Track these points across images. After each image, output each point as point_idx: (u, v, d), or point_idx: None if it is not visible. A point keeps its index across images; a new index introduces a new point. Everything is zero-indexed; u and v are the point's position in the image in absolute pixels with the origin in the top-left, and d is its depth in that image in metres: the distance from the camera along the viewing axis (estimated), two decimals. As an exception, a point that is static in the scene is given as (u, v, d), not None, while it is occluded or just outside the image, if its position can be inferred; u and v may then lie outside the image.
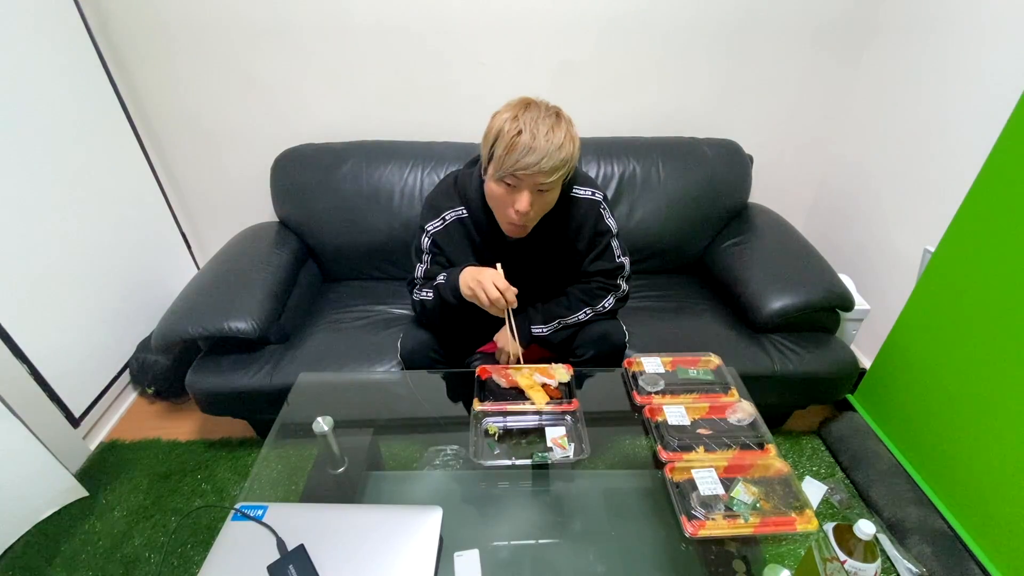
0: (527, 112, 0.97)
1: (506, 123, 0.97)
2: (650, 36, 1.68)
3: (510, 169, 0.96)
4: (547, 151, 0.94)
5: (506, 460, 1.00)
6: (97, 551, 1.32)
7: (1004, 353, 1.16)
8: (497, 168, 0.99)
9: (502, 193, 1.02)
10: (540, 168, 0.95)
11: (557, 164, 0.96)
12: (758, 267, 1.55)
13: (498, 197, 1.04)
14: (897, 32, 1.61)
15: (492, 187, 1.04)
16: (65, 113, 1.50)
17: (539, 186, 1.00)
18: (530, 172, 0.96)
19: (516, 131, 0.95)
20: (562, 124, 0.98)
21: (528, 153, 0.94)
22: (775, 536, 0.88)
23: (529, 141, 0.94)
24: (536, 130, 0.95)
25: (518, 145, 0.95)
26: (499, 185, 1.01)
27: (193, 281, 1.52)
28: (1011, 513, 1.14)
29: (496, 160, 0.99)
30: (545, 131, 0.95)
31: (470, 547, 0.87)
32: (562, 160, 0.97)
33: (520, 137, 0.95)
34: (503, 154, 0.96)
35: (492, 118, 1.02)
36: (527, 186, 0.99)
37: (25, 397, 1.35)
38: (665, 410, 1.05)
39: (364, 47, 1.67)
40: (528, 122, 0.95)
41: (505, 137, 0.96)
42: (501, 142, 0.97)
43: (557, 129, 0.96)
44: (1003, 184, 1.16)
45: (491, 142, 1.00)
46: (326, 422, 1.01)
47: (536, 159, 0.94)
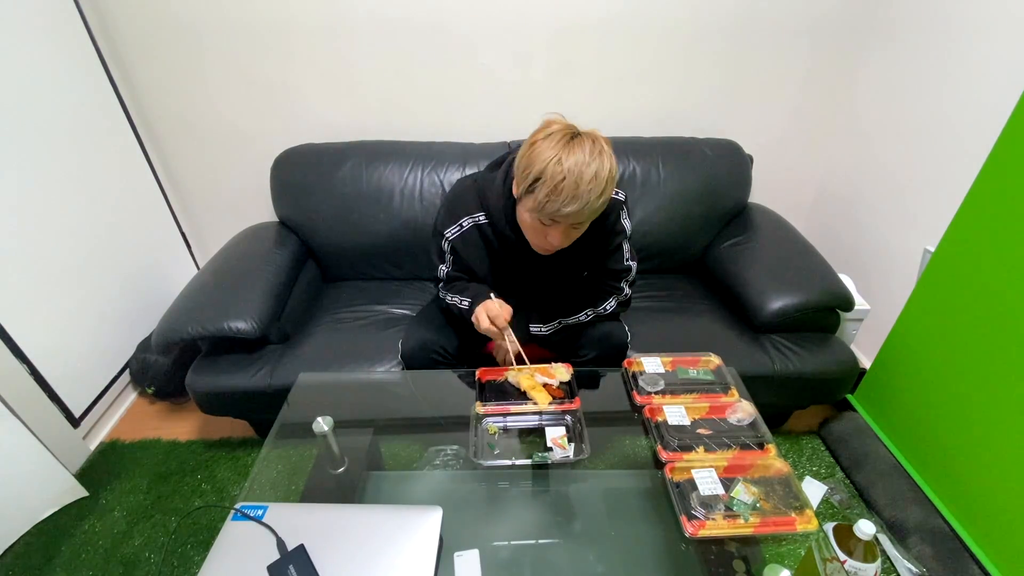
0: (572, 154, 0.92)
1: (550, 165, 0.92)
2: (650, 36, 1.68)
3: (550, 214, 0.95)
4: (588, 200, 0.92)
5: (506, 460, 1.00)
6: (97, 551, 1.32)
7: (1004, 353, 1.16)
8: (535, 208, 0.97)
9: (535, 227, 1.02)
10: (578, 219, 0.96)
11: (596, 209, 0.96)
12: (758, 267, 1.55)
13: (531, 227, 1.04)
14: (897, 32, 1.61)
15: (526, 217, 1.03)
16: (65, 113, 1.50)
17: (574, 226, 1.01)
18: (569, 220, 0.97)
19: (561, 177, 0.91)
20: (605, 165, 0.93)
21: (571, 202, 0.92)
22: (775, 536, 0.88)
23: (572, 190, 0.91)
24: (580, 177, 0.91)
25: (562, 192, 0.91)
26: (533, 219, 1.01)
27: (193, 281, 1.52)
28: (1011, 513, 1.14)
29: (535, 201, 0.95)
30: (589, 177, 0.91)
31: (470, 547, 0.87)
32: (601, 205, 0.96)
33: (564, 184, 0.91)
34: (544, 199, 0.93)
35: (531, 147, 0.96)
36: (563, 227, 1.00)
37: (25, 397, 1.35)
38: (665, 410, 1.05)
39: (364, 47, 1.67)
40: (573, 168, 0.91)
41: (548, 181, 0.92)
42: (543, 186, 0.93)
43: (601, 173, 0.92)
44: (1003, 184, 1.16)
45: (531, 178, 0.95)
46: (326, 422, 1.01)
47: (578, 208, 0.92)
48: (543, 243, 1.06)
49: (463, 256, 1.21)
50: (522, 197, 1.02)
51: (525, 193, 0.99)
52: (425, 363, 1.26)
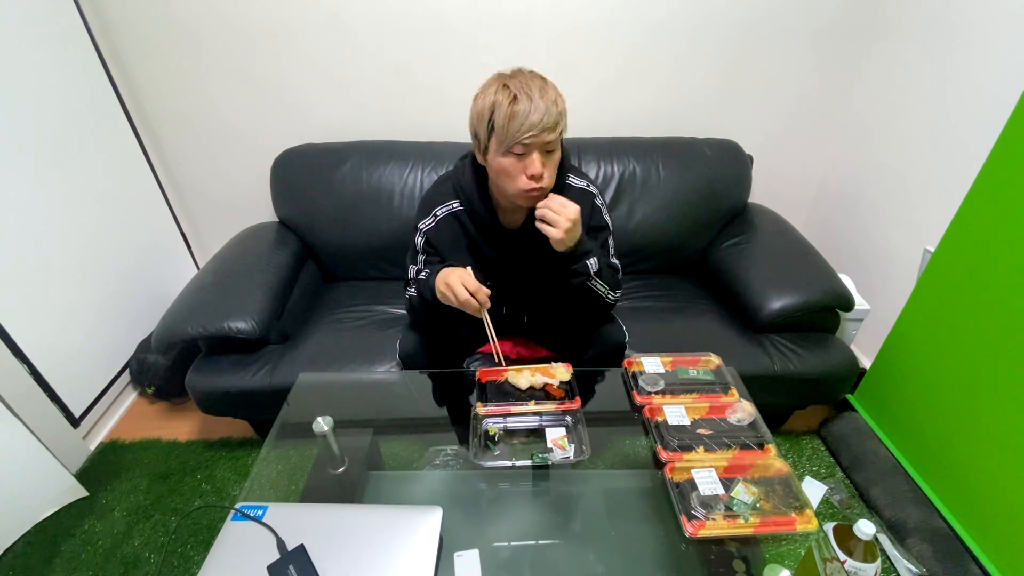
0: (513, 79, 0.98)
1: (497, 94, 0.97)
2: (650, 36, 1.68)
3: (516, 136, 0.96)
4: (546, 108, 0.95)
5: (506, 461, 1.00)
6: (97, 551, 1.33)
7: (1004, 353, 1.16)
8: (502, 140, 0.98)
9: (512, 163, 1.01)
10: (544, 125, 0.95)
11: (557, 118, 0.97)
12: (758, 267, 1.55)
13: (509, 169, 1.02)
14: (897, 32, 1.61)
15: (500, 162, 1.02)
16: (65, 113, 1.50)
17: (546, 146, 1.00)
18: (536, 132, 0.96)
19: (511, 98, 0.96)
20: (548, 82, 1.00)
21: (530, 113, 0.94)
22: (775, 536, 0.88)
23: (527, 104, 0.95)
24: (530, 92, 0.95)
25: (518, 111, 0.94)
26: (507, 157, 1.00)
27: (193, 281, 1.52)
28: (1011, 513, 1.14)
29: (498, 132, 0.98)
30: (538, 90, 0.96)
31: (470, 547, 0.87)
32: (559, 113, 0.98)
33: (517, 103, 0.95)
34: (505, 123, 0.96)
35: (476, 100, 1.03)
36: (535, 148, 0.99)
37: (25, 397, 1.35)
38: (665, 410, 1.05)
39: (364, 47, 1.67)
40: (520, 87, 0.96)
41: (502, 107, 0.96)
42: (499, 113, 0.96)
43: (547, 87, 0.98)
44: (1003, 184, 1.16)
45: (487, 119, 0.99)
46: (326, 422, 1.01)
47: (539, 117, 0.95)
48: (524, 184, 1.01)
49: (439, 250, 1.19)
50: (488, 148, 1.03)
51: (488, 139, 1.01)
52: (422, 365, 1.26)
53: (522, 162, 1.00)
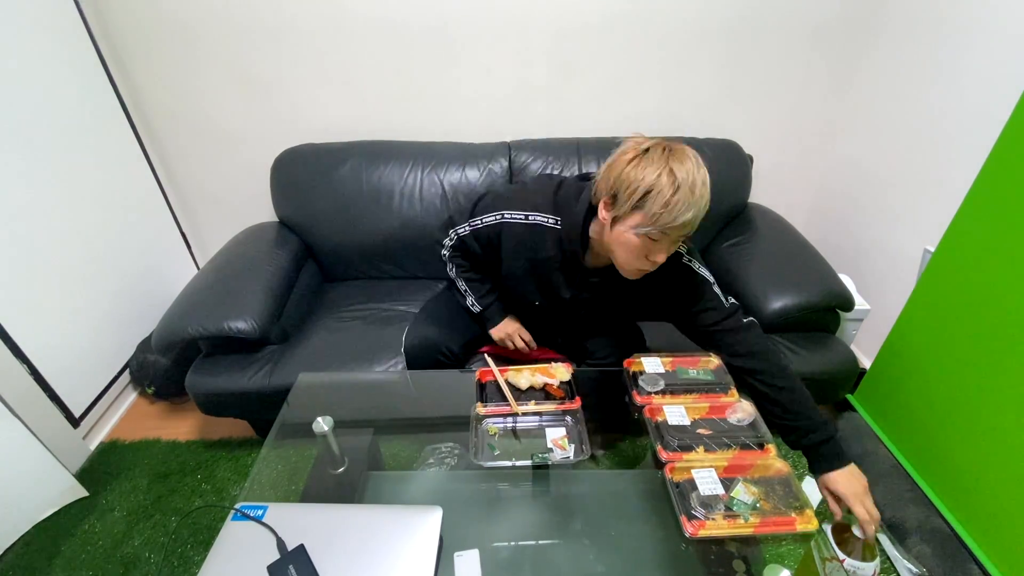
0: (681, 165, 0.92)
1: (662, 177, 0.91)
2: (650, 36, 1.68)
3: (663, 226, 0.92)
4: (700, 205, 0.93)
5: (506, 461, 1.00)
6: (97, 551, 1.32)
7: (1004, 353, 1.16)
8: (647, 223, 0.94)
9: (641, 244, 0.97)
10: (693, 225, 0.94)
11: (699, 221, 0.95)
12: (758, 267, 1.55)
13: (634, 247, 0.98)
14: (897, 32, 1.61)
15: (628, 237, 0.97)
16: (65, 113, 1.50)
17: (681, 238, 0.98)
18: (684, 229, 0.94)
19: (675, 187, 0.91)
20: (703, 169, 0.95)
21: (687, 210, 0.91)
22: (775, 536, 0.88)
23: (688, 197, 0.91)
24: (694, 185, 0.91)
25: (679, 202, 0.90)
26: (641, 239, 0.96)
27: (193, 281, 1.52)
28: (1011, 513, 1.14)
29: (647, 215, 0.93)
30: (700, 184, 0.92)
31: (470, 547, 0.87)
32: (706, 206, 0.95)
33: (679, 193, 0.91)
34: (659, 211, 0.91)
35: (631, 165, 0.95)
36: (673, 239, 0.97)
37: (25, 397, 1.35)
38: (665, 410, 1.05)
39: (364, 47, 1.67)
40: (686, 177, 0.91)
41: (664, 192, 0.91)
42: (657, 197, 0.91)
43: (707, 178, 0.94)
44: (1003, 184, 1.16)
45: (640, 193, 0.93)
46: (326, 422, 1.01)
47: (694, 215, 0.92)
48: (642, 264, 1.00)
49: (503, 244, 1.14)
50: (623, 216, 0.97)
51: (630, 211, 0.96)
52: (427, 360, 1.26)
53: (652, 246, 0.97)
